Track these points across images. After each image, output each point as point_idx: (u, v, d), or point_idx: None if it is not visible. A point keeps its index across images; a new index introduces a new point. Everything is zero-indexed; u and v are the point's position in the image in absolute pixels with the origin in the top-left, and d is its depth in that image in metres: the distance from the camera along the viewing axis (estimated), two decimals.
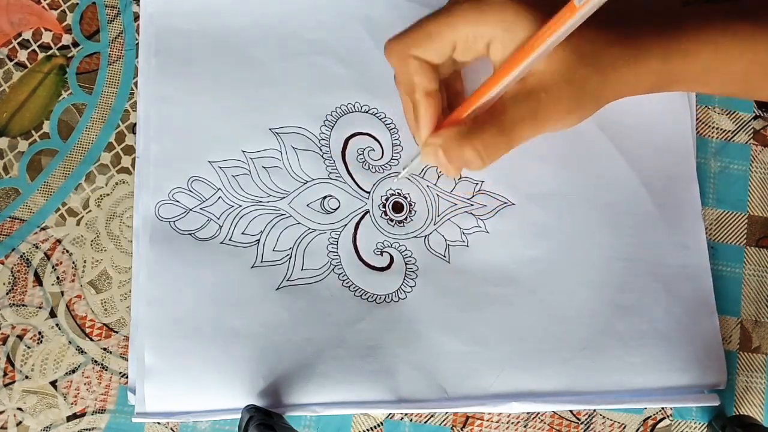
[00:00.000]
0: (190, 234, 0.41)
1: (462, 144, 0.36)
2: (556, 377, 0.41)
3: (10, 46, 0.42)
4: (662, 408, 0.42)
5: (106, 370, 0.40)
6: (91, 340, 0.40)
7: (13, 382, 0.40)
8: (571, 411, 0.41)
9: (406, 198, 0.42)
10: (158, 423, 0.40)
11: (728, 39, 0.36)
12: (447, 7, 0.36)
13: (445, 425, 0.41)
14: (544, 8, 0.33)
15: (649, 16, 0.37)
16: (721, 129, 0.45)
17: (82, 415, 0.40)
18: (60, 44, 0.43)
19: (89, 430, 0.40)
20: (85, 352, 0.40)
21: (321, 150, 0.42)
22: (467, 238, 0.42)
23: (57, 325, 0.40)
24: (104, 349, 0.40)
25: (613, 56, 0.35)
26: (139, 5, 0.43)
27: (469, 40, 0.35)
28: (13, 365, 0.40)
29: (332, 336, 0.40)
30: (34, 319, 0.40)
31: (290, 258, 0.41)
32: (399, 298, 0.41)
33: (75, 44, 0.43)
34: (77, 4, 0.43)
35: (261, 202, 0.41)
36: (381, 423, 0.41)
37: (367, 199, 0.42)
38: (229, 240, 0.41)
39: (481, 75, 0.37)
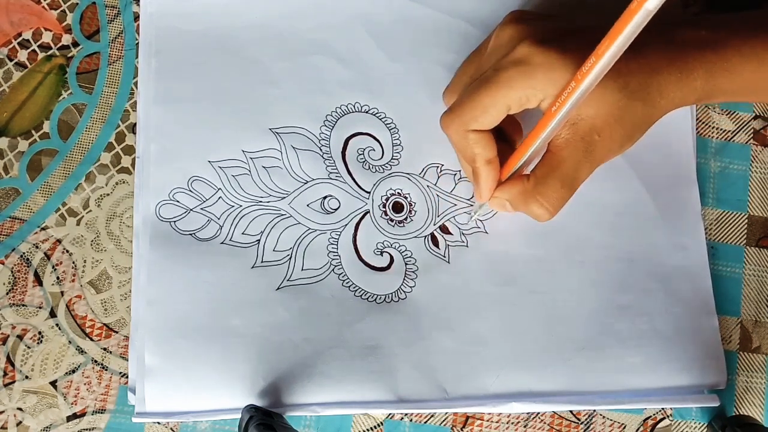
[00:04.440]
0: (190, 234, 0.41)
1: (528, 201, 0.37)
2: (556, 377, 0.41)
3: (10, 46, 0.42)
4: (662, 408, 0.42)
5: (106, 370, 0.40)
6: (91, 340, 0.40)
7: (13, 382, 0.40)
8: (571, 411, 0.41)
9: (406, 198, 0.42)
10: (158, 423, 0.40)
11: None
12: (494, 76, 0.35)
13: (445, 425, 0.41)
14: (589, 47, 0.32)
15: (689, 31, 0.36)
16: (721, 129, 0.45)
17: (82, 415, 0.40)
18: (60, 44, 0.43)
19: (89, 430, 0.40)
20: (85, 352, 0.40)
21: (321, 150, 0.42)
22: (467, 239, 0.42)
23: (57, 325, 0.40)
24: (104, 349, 0.40)
25: (660, 84, 0.35)
26: (139, 5, 0.43)
27: (522, 101, 0.35)
28: (13, 365, 0.40)
29: (332, 336, 0.40)
30: (34, 319, 0.40)
31: (290, 258, 0.41)
32: (399, 298, 0.41)
33: (75, 44, 0.43)
34: (77, 4, 0.43)
35: (261, 202, 0.41)
36: (381, 423, 0.41)
37: (368, 199, 0.42)
38: (230, 240, 0.41)
39: None
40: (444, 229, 0.42)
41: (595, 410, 0.42)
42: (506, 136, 0.40)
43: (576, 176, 0.36)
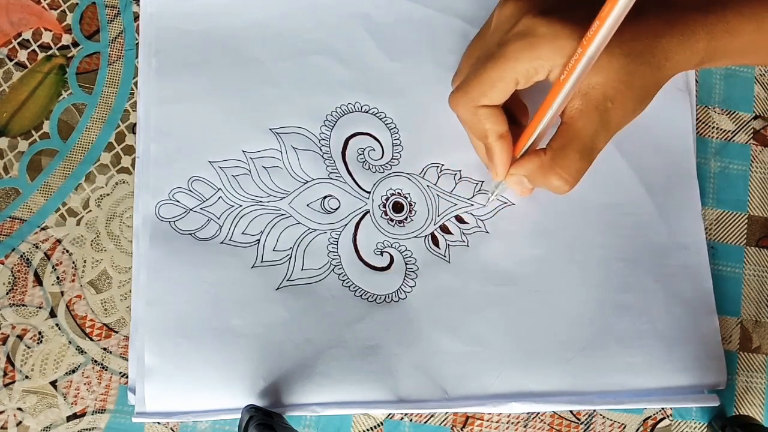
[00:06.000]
0: (190, 234, 0.41)
1: (547, 174, 0.37)
2: (556, 377, 0.41)
3: (10, 46, 0.42)
4: (662, 408, 0.42)
5: (106, 370, 0.40)
6: (91, 340, 0.40)
7: (13, 382, 0.40)
8: (571, 411, 0.41)
9: (406, 198, 0.42)
10: (158, 423, 0.40)
11: None
12: (500, 51, 0.35)
13: (445, 425, 0.41)
14: (590, 15, 0.32)
15: None
16: (721, 129, 0.45)
17: (82, 415, 0.40)
18: (60, 44, 0.43)
19: (89, 430, 0.40)
20: (85, 352, 0.40)
21: (321, 150, 0.42)
22: (467, 238, 0.42)
23: (57, 325, 0.40)
24: (104, 349, 0.40)
25: (664, 47, 0.36)
26: (139, 5, 0.43)
27: (530, 74, 0.35)
28: (13, 365, 0.40)
29: (332, 336, 0.40)
30: (34, 319, 0.40)
31: (290, 258, 0.41)
32: (399, 298, 0.41)
33: (75, 44, 0.43)
34: (77, 4, 0.43)
35: (261, 202, 0.41)
36: (381, 423, 0.41)
37: (368, 199, 0.42)
38: (230, 240, 0.41)
39: None
40: (444, 229, 0.42)
41: (595, 410, 0.42)
42: (514, 119, 0.40)
43: (593, 146, 0.36)
